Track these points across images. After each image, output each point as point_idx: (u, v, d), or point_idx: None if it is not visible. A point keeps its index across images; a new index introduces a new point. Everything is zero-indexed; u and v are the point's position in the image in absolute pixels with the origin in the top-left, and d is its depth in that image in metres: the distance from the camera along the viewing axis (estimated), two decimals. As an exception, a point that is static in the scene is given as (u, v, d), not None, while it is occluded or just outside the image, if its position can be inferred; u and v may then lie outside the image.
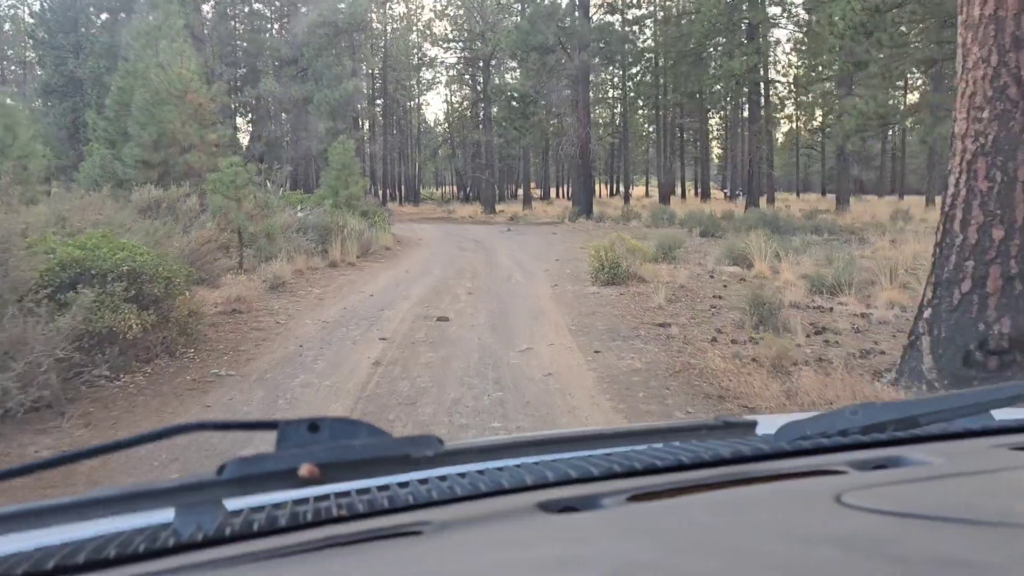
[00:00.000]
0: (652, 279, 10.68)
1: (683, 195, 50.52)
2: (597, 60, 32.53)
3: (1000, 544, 0.59)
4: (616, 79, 46.25)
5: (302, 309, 8.92)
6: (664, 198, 41.01)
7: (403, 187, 60.84)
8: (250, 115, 40.24)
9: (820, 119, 40.00)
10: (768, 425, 0.99)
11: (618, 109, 47.42)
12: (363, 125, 49.91)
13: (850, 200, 30.55)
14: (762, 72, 26.41)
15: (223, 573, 0.63)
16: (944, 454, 0.89)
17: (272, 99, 35.49)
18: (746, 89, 29.25)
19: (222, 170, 11.20)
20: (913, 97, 37.49)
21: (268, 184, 16.92)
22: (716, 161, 65.52)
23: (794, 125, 57.74)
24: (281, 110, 36.80)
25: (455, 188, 68.35)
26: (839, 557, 0.57)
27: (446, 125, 60.73)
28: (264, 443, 1.49)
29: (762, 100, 32.71)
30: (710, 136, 53.16)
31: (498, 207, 40.10)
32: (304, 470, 0.67)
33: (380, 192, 48.19)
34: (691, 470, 0.86)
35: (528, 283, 11.25)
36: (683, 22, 33.63)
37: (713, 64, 30.53)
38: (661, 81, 43.13)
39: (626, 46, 36.21)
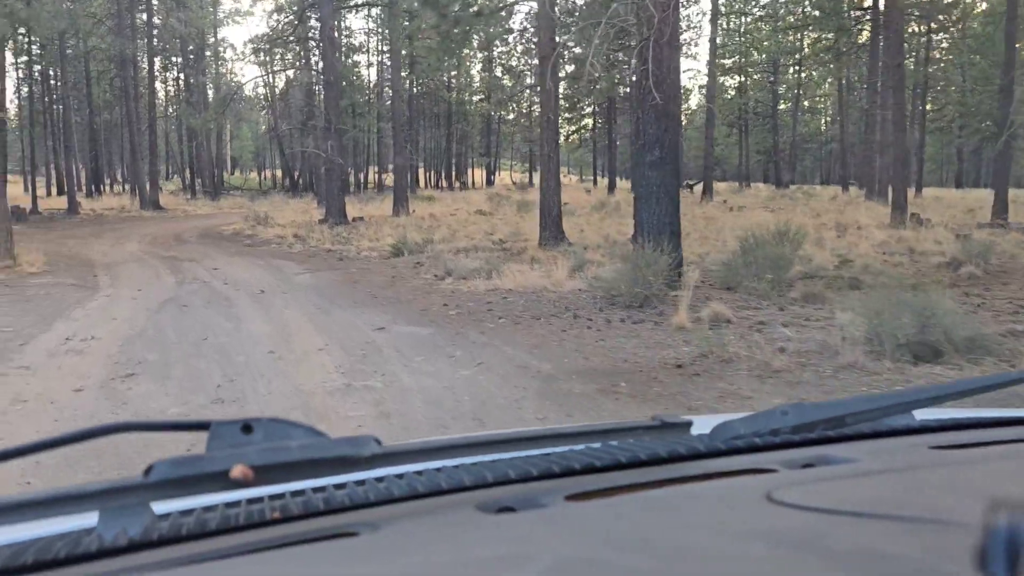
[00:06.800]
0: None
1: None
2: None
3: (918, 537, 0.61)
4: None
5: None
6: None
7: (196, 173, 39.98)
8: None
9: None
10: (704, 425, 0.99)
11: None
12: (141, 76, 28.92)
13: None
14: None
15: None
16: (869, 452, 0.91)
17: None
18: None
19: None
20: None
21: None
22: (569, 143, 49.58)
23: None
24: None
25: (280, 173, 48.34)
26: (769, 552, 0.59)
27: (262, 71, 40.20)
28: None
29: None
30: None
31: (350, 210, 21.54)
32: (236, 472, 0.64)
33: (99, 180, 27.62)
34: (628, 469, 0.86)
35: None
36: None
37: None
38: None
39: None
